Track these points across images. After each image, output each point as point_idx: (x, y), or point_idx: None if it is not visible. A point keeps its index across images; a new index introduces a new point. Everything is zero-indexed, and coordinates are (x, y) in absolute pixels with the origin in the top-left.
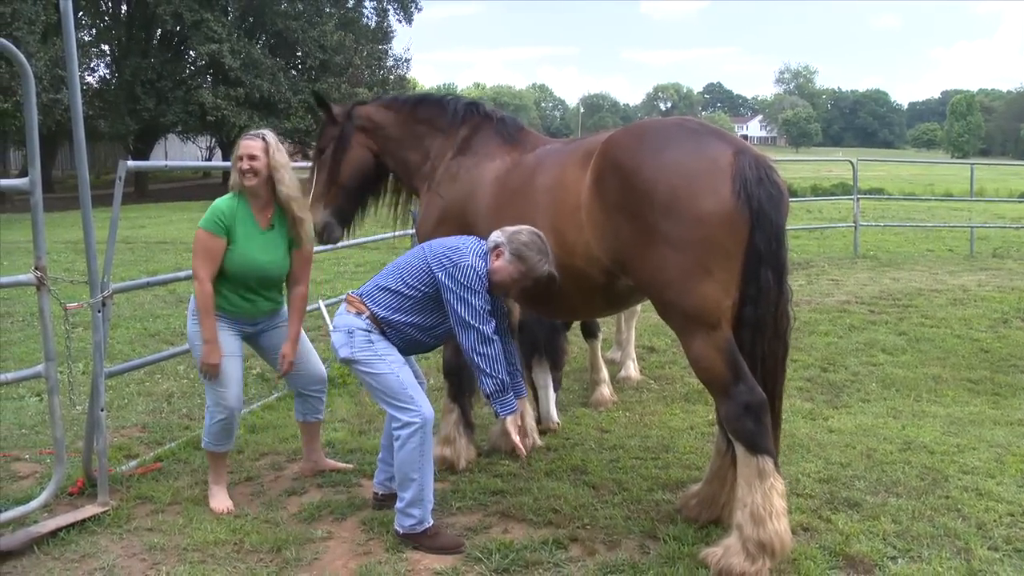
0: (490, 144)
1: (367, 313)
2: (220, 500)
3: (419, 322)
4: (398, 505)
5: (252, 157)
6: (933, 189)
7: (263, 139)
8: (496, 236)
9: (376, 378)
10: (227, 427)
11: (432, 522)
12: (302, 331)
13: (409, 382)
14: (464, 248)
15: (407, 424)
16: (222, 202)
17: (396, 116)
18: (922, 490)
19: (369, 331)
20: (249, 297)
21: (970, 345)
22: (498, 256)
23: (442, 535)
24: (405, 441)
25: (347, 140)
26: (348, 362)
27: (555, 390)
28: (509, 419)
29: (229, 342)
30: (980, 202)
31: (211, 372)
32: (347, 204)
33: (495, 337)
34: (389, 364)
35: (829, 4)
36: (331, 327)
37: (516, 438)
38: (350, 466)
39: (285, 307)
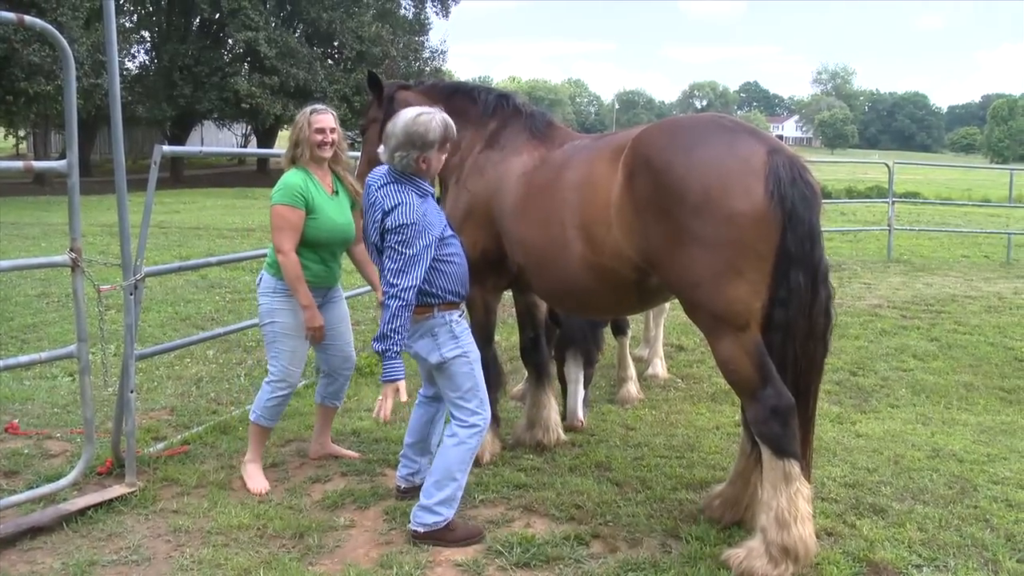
0: (518, 139)
1: (434, 310)
2: (258, 480)
3: (456, 258)
4: (426, 502)
5: (332, 130)
6: (970, 194)
7: (331, 113)
8: (397, 155)
9: (459, 376)
10: (283, 404)
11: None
12: (346, 309)
13: (483, 383)
14: (388, 202)
15: (472, 425)
16: (294, 177)
17: (431, 104)
18: (950, 499)
19: (449, 322)
20: (330, 264)
21: (1004, 353)
22: (425, 163)
23: (460, 527)
24: (463, 441)
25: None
26: (440, 366)
27: (585, 387)
28: (388, 387)
29: (297, 323)
30: (1019, 208)
31: (318, 335)
32: None
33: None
34: (472, 362)
35: (870, 4)
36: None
37: (382, 407)
38: (356, 455)
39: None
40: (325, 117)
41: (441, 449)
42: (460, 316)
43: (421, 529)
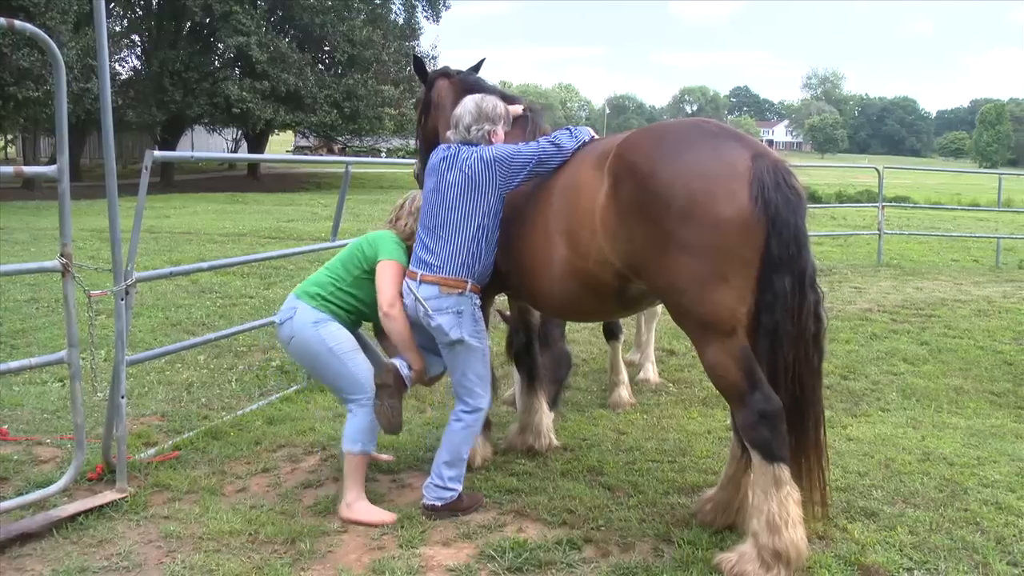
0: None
1: (467, 287)
2: (377, 512)
3: (494, 242)
4: (436, 482)
5: None
6: (960, 199)
7: None
8: (473, 128)
9: (473, 360)
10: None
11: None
12: None
13: (490, 371)
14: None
15: (476, 409)
16: (400, 239)
17: (453, 97)
18: (941, 502)
19: (475, 306)
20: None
21: (993, 357)
22: (495, 137)
23: (466, 498)
24: (470, 425)
25: (427, 108)
26: (457, 343)
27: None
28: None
29: (352, 336)
30: (1007, 212)
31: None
32: None
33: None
34: (485, 348)
35: (860, 10)
36: (428, 310)
37: None
38: (390, 457)
39: None
40: None
41: (448, 433)
42: (482, 319)
43: (439, 503)
